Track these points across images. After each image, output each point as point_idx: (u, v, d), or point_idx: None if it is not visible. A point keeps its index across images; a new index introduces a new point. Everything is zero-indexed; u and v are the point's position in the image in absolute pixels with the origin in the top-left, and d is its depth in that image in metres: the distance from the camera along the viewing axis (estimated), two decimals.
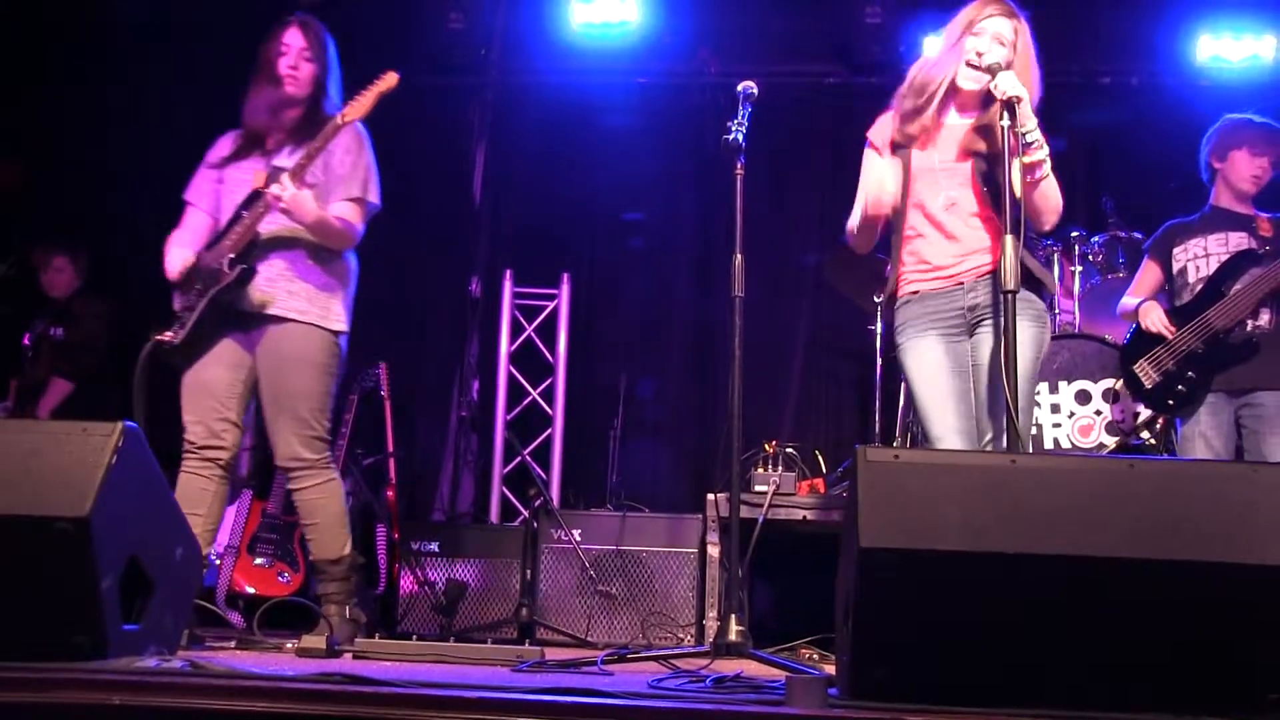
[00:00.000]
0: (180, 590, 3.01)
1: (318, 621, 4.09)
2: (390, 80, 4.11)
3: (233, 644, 3.89)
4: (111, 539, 2.59)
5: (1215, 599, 2.33)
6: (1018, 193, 3.40)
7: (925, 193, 3.71)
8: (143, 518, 2.80)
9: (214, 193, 4.31)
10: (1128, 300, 4.77)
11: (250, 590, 5.28)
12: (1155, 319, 4.53)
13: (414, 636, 4.83)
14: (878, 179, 3.68)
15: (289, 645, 3.74)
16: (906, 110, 3.73)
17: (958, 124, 3.73)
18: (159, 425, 3.42)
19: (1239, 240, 4.52)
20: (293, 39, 4.21)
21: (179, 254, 4.20)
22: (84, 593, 2.54)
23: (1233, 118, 4.68)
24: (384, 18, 6.86)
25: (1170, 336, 4.49)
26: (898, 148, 3.76)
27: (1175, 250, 4.64)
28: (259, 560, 5.39)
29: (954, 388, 3.67)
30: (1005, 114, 3.43)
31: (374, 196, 4.28)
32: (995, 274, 3.53)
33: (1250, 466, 2.51)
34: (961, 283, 3.68)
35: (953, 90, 3.69)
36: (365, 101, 4.08)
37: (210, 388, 4.13)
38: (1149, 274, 4.75)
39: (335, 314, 4.23)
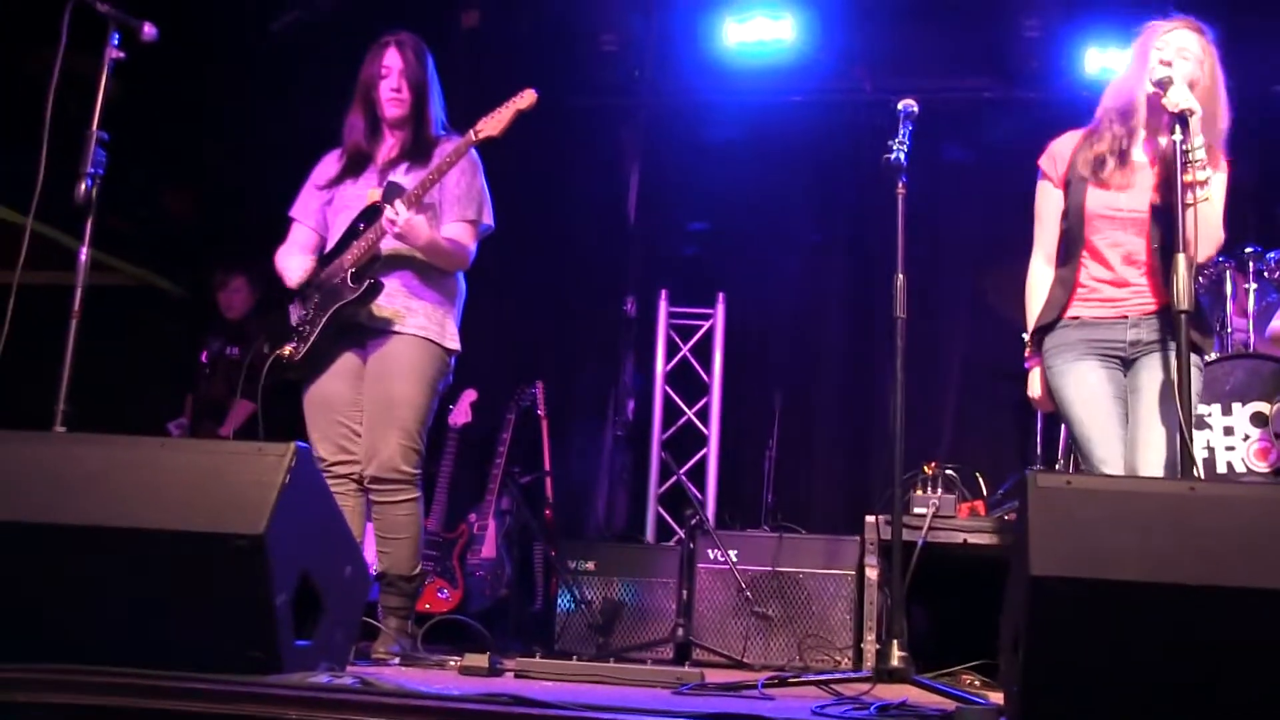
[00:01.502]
0: (349, 607, 3.07)
1: (477, 639, 4.14)
2: (529, 98, 4.07)
3: (397, 660, 3.95)
4: (285, 556, 2.66)
5: None
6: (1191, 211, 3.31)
7: (1102, 233, 3.63)
8: (313, 536, 2.87)
9: (320, 211, 4.36)
10: None
11: None
12: None
13: (574, 656, 4.85)
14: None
15: (451, 663, 3.78)
16: (1111, 141, 3.62)
17: (1142, 163, 3.63)
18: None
19: None
20: (393, 60, 4.23)
21: (298, 261, 4.27)
22: (259, 608, 2.61)
23: None
24: (536, 40, 6.95)
25: None
26: (1072, 181, 3.68)
27: None
28: None
29: (1116, 413, 3.60)
30: (1177, 127, 3.34)
31: (488, 218, 4.29)
32: (1159, 313, 3.55)
33: None
34: (1126, 316, 3.62)
35: (1142, 119, 3.59)
36: (502, 118, 4.05)
37: (332, 402, 4.16)
38: None
39: (450, 332, 4.24)
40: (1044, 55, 6.68)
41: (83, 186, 3.54)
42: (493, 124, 4.05)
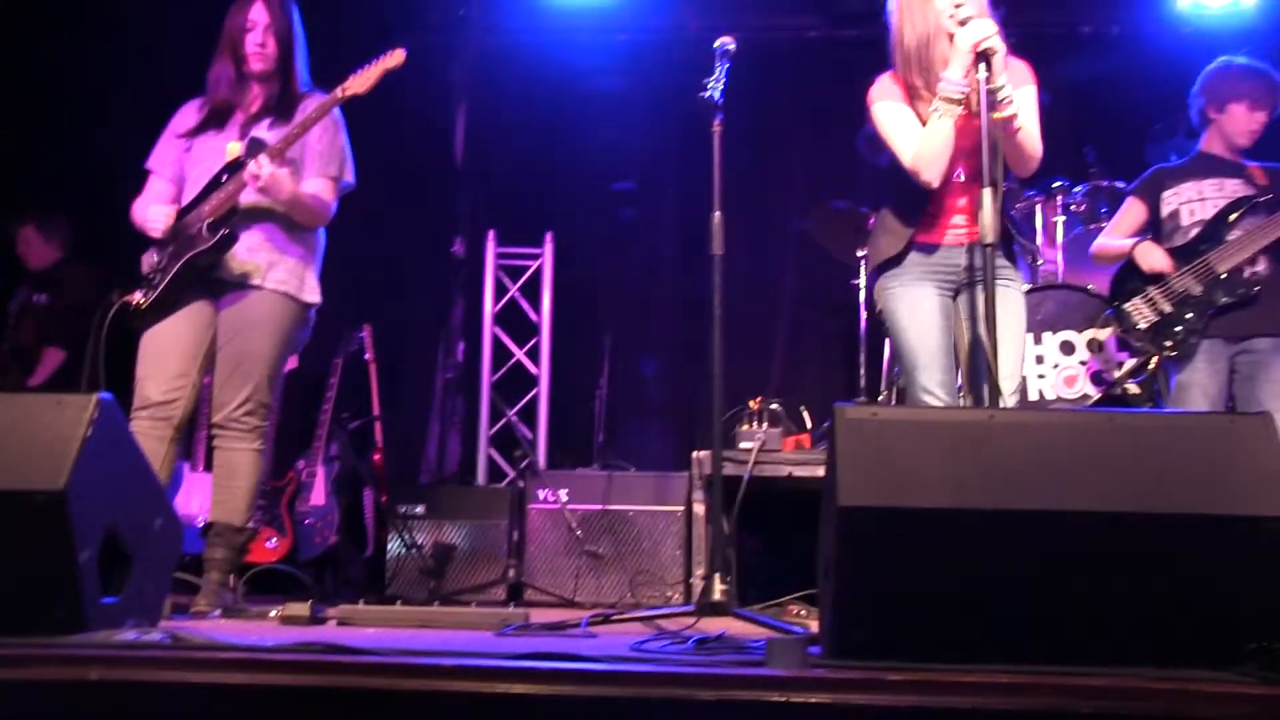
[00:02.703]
0: (160, 561, 2.99)
1: (305, 588, 4.09)
2: (398, 57, 4.09)
3: (218, 614, 3.87)
4: (89, 511, 2.58)
5: (1194, 551, 2.33)
6: (996, 146, 3.38)
7: None
8: (120, 489, 2.79)
9: (178, 161, 4.31)
10: (1109, 241, 4.72)
11: None
12: (1158, 258, 4.49)
13: (399, 601, 4.82)
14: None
15: (273, 613, 3.73)
16: (917, 86, 3.65)
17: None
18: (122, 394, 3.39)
19: (1235, 187, 4.49)
20: (258, 15, 4.21)
21: (160, 210, 4.19)
22: (61, 566, 2.53)
23: (1231, 64, 4.60)
24: None
25: (1172, 276, 4.46)
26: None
27: (1165, 194, 4.61)
28: None
29: (943, 343, 3.68)
30: (980, 65, 3.39)
31: (350, 175, 4.32)
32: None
33: (1228, 417, 2.51)
34: (962, 243, 3.69)
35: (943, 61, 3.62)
36: (370, 77, 4.06)
37: (172, 346, 4.11)
38: (1132, 215, 4.71)
39: (310, 286, 4.27)
40: None
41: None
42: (360, 82, 4.07)
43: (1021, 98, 3.61)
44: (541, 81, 7.02)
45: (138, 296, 4.11)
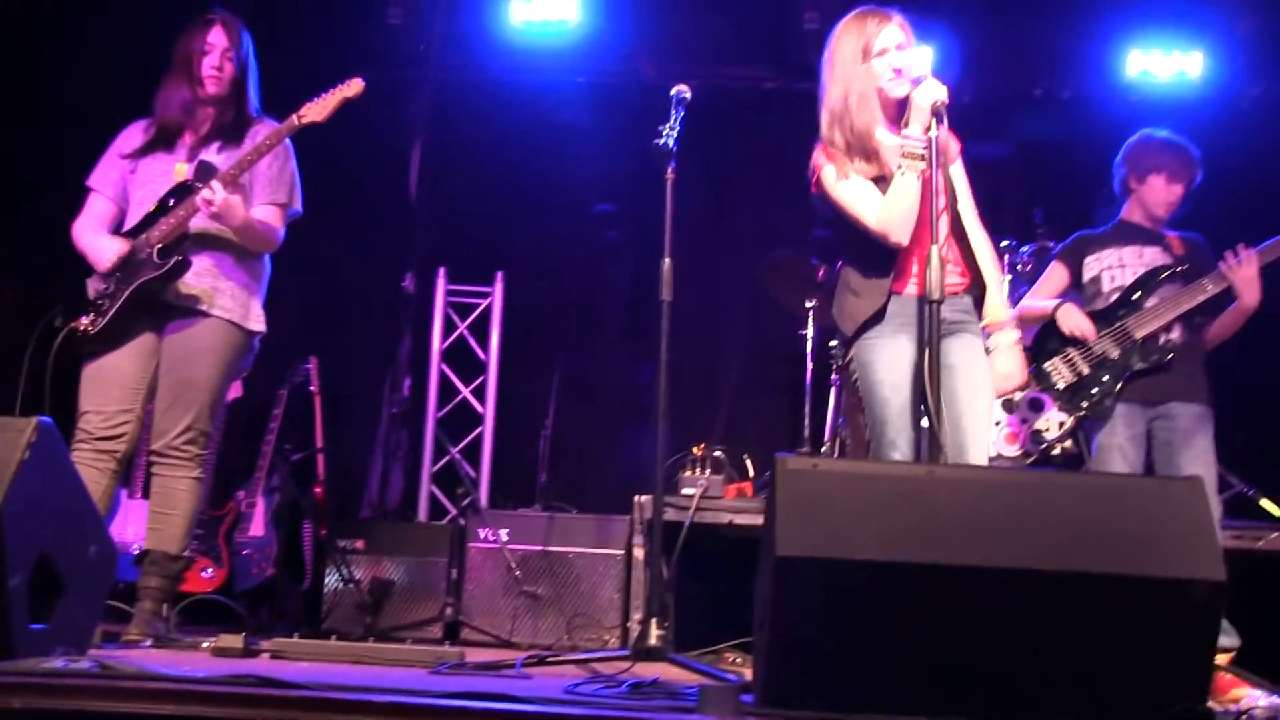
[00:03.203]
0: (93, 588, 2.97)
1: (239, 619, 4.06)
2: (356, 86, 4.12)
3: (149, 643, 3.83)
4: (22, 536, 2.56)
5: (1124, 612, 2.37)
6: (951, 202, 3.43)
7: None
8: (55, 515, 2.77)
9: (121, 181, 4.29)
10: (1033, 302, 4.79)
11: None
12: (1077, 321, 4.57)
13: (334, 636, 4.78)
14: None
15: (205, 644, 3.69)
16: (844, 147, 3.62)
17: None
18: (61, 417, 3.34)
19: (1154, 255, 4.59)
20: (216, 38, 4.22)
21: (110, 242, 4.16)
22: None
23: (1151, 136, 4.71)
24: (321, 10, 6.80)
25: (1093, 339, 4.54)
26: None
27: (1088, 258, 4.70)
28: None
29: (914, 398, 3.63)
30: (934, 122, 3.43)
31: (298, 203, 4.34)
32: (966, 292, 3.63)
33: (1159, 481, 2.56)
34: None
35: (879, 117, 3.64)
36: (327, 105, 4.09)
37: (117, 378, 4.09)
38: (1055, 278, 4.79)
39: (255, 314, 4.26)
40: (823, 47, 6.79)
41: None
42: (317, 110, 4.09)
43: (958, 175, 3.72)
44: (499, 121, 7.04)
45: (85, 322, 4.07)
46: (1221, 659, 4.16)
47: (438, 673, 3.12)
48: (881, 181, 3.58)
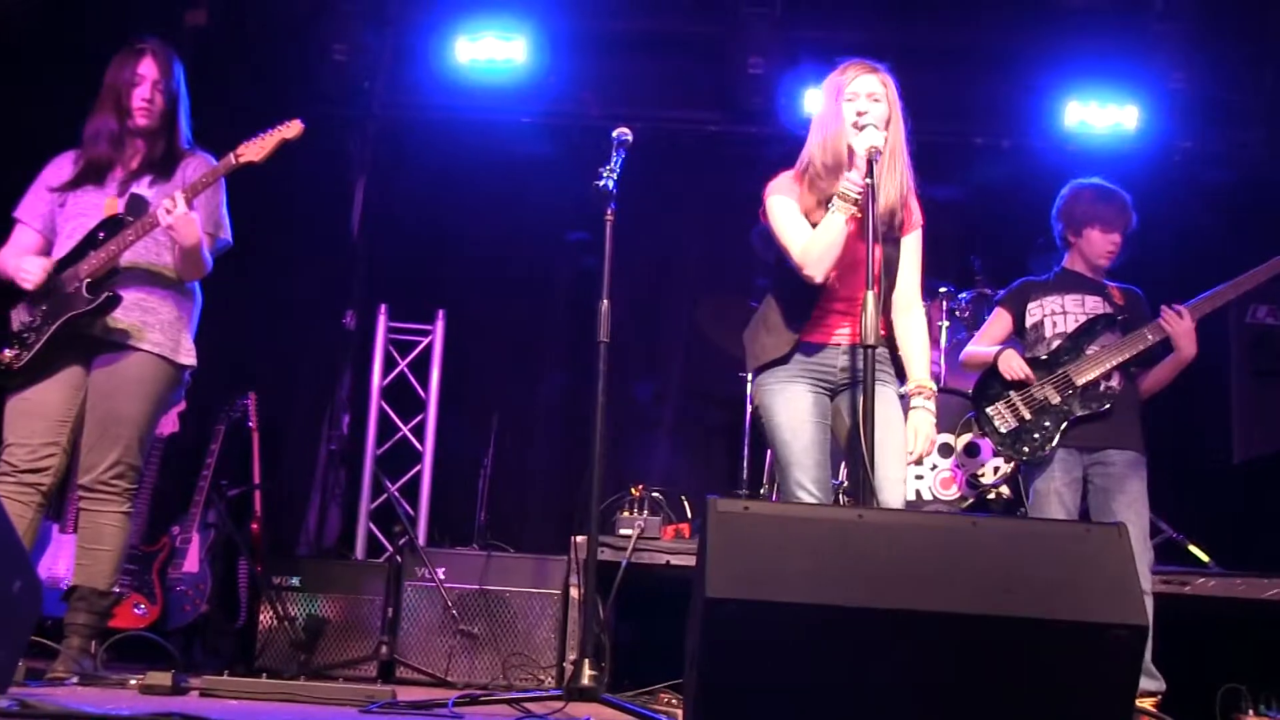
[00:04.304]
0: (17, 624, 2.91)
1: (170, 657, 4.00)
2: (295, 128, 4.09)
3: (75, 681, 3.77)
4: None
5: (1047, 654, 2.40)
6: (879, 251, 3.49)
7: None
8: None
9: (49, 214, 4.23)
10: (976, 348, 4.86)
11: None
12: (1018, 366, 4.63)
13: (264, 674, 4.72)
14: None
15: (133, 682, 3.64)
16: (821, 193, 3.73)
17: None
18: None
19: (1095, 304, 4.67)
20: (147, 69, 4.16)
21: (36, 262, 4.10)
22: None
23: (1082, 188, 4.80)
24: (264, 45, 6.79)
25: (1033, 383, 4.60)
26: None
27: (1030, 305, 4.77)
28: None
29: (816, 439, 3.75)
30: (866, 170, 3.51)
31: (226, 234, 4.30)
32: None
33: (1085, 526, 2.60)
34: (839, 344, 3.78)
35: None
36: (265, 146, 4.05)
37: (42, 410, 4.03)
38: (999, 324, 4.86)
39: (185, 348, 4.21)
40: (767, 92, 6.88)
41: None
42: (255, 150, 4.05)
43: (910, 244, 3.85)
44: (443, 159, 7.05)
45: (8, 354, 4.00)
46: (1148, 702, 4.22)
47: (368, 712, 3.10)
48: None
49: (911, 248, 3.87)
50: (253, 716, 2.59)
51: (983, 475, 5.51)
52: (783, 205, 3.79)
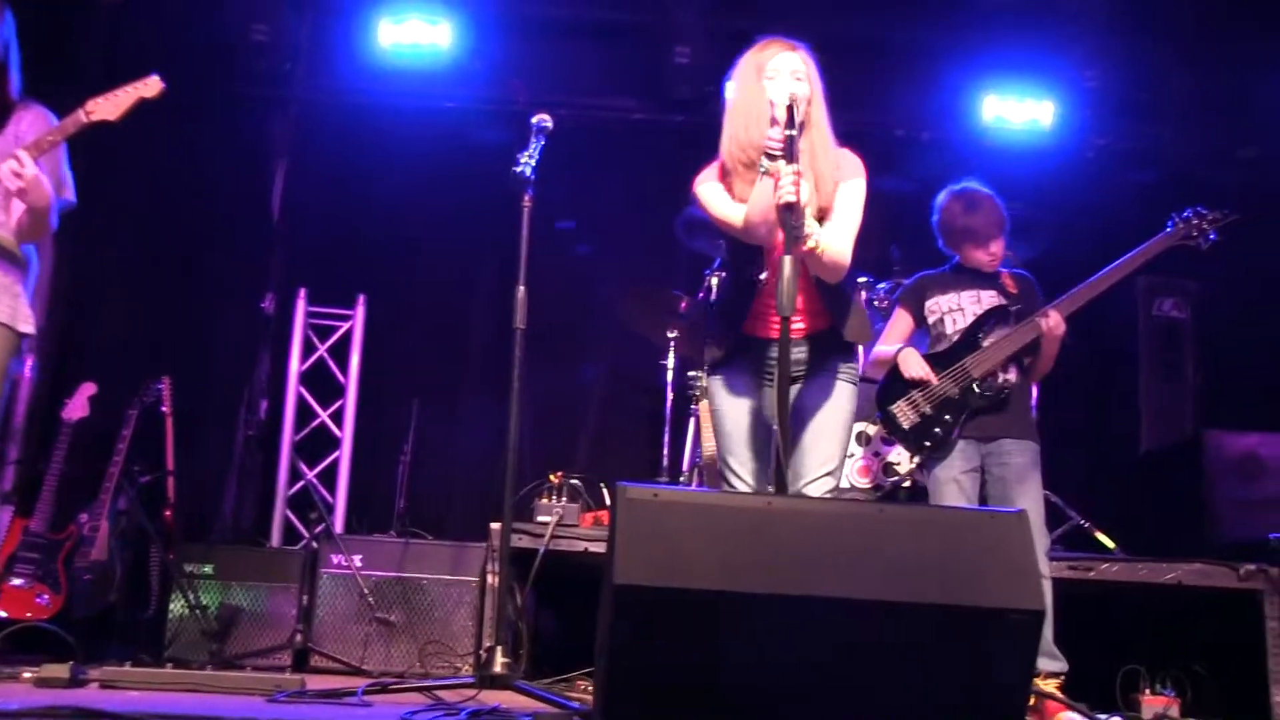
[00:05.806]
0: None
1: (71, 648, 3.90)
2: (154, 86, 3.84)
3: None
4: None
5: (949, 638, 2.43)
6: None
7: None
8: None
9: None
10: (882, 348, 4.89)
11: (1, 614, 5.02)
12: (917, 365, 4.68)
13: (170, 664, 4.66)
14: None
15: (27, 674, 3.55)
16: (739, 165, 3.70)
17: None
18: None
19: (990, 298, 4.74)
20: None
21: None
22: None
23: (952, 200, 4.86)
24: (182, 24, 6.68)
25: (934, 382, 4.65)
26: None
27: (928, 302, 4.82)
28: (17, 581, 5.13)
29: (753, 430, 3.76)
30: (787, 120, 3.46)
31: (70, 194, 4.04)
32: (813, 336, 3.73)
33: (988, 514, 2.63)
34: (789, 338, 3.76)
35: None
36: (120, 103, 3.80)
37: None
38: (901, 322, 4.90)
39: (24, 315, 3.95)
40: (694, 81, 6.89)
41: None
42: (109, 108, 3.80)
43: (847, 191, 3.77)
44: (365, 143, 6.99)
45: None
46: (1051, 683, 4.29)
47: (276, 701, 3.07)
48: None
49: (845, 195, 3.76)
50: (152, 708, 2.55)
51: (898, 465, 5.56)
52: (713, 190, 3.76)
